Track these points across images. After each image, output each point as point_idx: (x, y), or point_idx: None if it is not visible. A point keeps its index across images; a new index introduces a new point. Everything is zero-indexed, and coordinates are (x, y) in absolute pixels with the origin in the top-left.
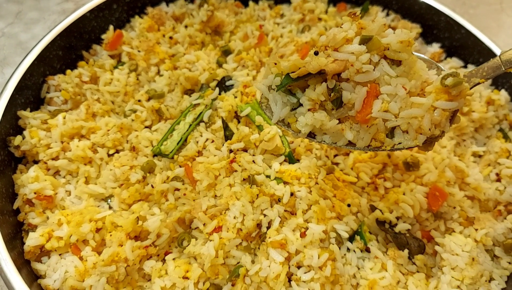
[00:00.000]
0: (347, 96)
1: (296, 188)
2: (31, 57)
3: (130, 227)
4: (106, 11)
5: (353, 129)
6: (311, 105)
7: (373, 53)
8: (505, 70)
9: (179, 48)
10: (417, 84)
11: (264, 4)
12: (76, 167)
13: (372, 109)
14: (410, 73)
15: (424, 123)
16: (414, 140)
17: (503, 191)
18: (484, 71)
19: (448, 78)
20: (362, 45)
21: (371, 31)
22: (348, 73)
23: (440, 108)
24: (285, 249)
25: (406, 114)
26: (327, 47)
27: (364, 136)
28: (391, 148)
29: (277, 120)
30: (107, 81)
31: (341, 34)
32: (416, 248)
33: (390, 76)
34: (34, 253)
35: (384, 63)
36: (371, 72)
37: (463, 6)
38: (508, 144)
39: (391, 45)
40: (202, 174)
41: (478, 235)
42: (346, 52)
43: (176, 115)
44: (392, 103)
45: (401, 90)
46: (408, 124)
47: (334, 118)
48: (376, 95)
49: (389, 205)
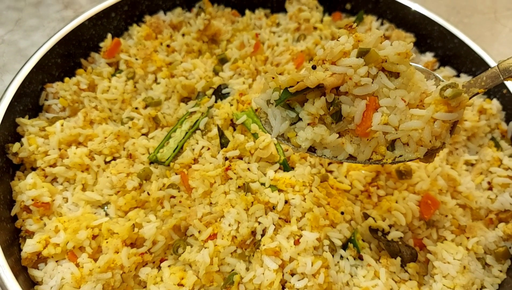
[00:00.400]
0: (347, 110)
1: (291, 196)
2: (30, 65)
3: (126, 234)
4: (105, 20)
5: (354, 143)
6: (311, 119)
7: (371, 66)
8: (503, 79)
9: (176, 56)
10: (416, 96)
11: (261, 13)
12: (74, 174)
13: (372, 122)
14: (409, 85)
15: (425, 135)
16: (415, 152)
17: (494, 199)
18: (482, 80)
19: (447, 90)
20: (359, 58)
21: (368, 44)
22: (346, 87)
23: (440, 120)
24: (279, 257)
25: (406, 127)
26: (325, 60)
27: (365, 150)
28: (392, 161)
29: (277, 135)
30: (104, 89)
31: (338, 48)
32: (409, 256)
33: (389, 88)
34: (31, 260)
35: (382, 76)
36: (370, 85)
37: (457, 15)
38: (499, 153)
39: (388, 57)
40: (197, 181)
41: (469, 243)
42: (344, 66)
43: (172, 122)
44: (392, 116)
45: (400, 102)
46: (408, 137)
47: (334, 131)
48: (376, 108)
49: (382, 213)
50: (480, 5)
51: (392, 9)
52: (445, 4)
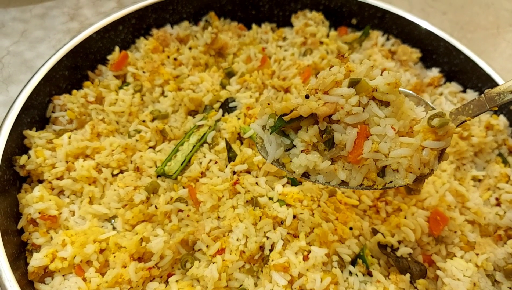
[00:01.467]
0: (339, 137)
1: (299, 211)
2: (38, 77)
3: (133, 248)
4: (112, 32)
5: (346, 169)
6: (304, 146)
7: (362, 95)
8: (489, 108)
9: (183, 70)
10: (405, 124)
11: (267, 27)
12: (81, 187)
13: (363, 150)
14: (398, 113)
15: (414, 162)
16: (404, 179)
17: (503, 216)
18: (470, 109)
19: (434, 119)
20: (351, 88)
21: (359, 74)
22: (338, 115)
23: (429, 148)
24: (288, 272)
25: (396, 154)
26: (317, 90)
27: (356, 176)
28: (382, 186)
29: (272, 160)
30: (112, 101)
31: (330, 78)
32: (418, 273)
33: (379, 117)
34: (38, 274)
35: (373, 104)
36: (361, 114)
37: (461, 30)
38: (507, 169)
39: (378, 87)
40: (205, 195)
41: (479, 260)
42: (336, 95)
43: (180, 136)
44: (382, 144)
45: (390, 130)
46: (398, 163)
47: (327, 158)
48: (366, 135)
49: (391, 228)
50: (483, 20)
51: (398, 24)
52: (449, 19)
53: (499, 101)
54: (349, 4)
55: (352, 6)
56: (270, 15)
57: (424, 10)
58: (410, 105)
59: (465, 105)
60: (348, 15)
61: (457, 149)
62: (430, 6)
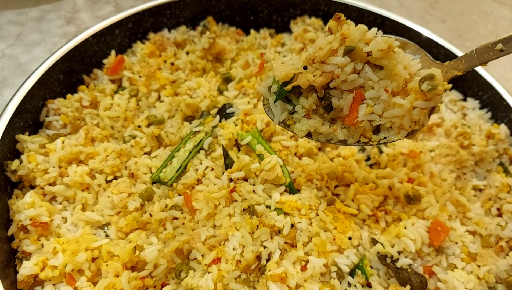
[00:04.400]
0: (336, 102)
1: (297, 220)
2: (31, 80)
3: (127, 257)
4: (108, 36)
5: (344, 128)
6: (305, 112)
7: (357, 62)
8: (479, 64)
9: (180, 75)
10: (399, 83)
11: (265, 32)
12: (73, 193)
13: (359, 114)
14: (392, 74)
15: (405, 121)
16: (397, 135)
17: (504, 226)
18: (461, 64)
19: (424, 83)
20: (346, 57)
21: (353, 40)
22: (335, 83)
23: (419, 107)
24: (285, 283)
25: (389, 114)
26: (314, 60)
27: (354, 135)
28: (377, 142)
29: (278, 122)
30: (107, 106)
31: (326, 47)
32: (418, 284)
33: (373, 81)
34: (28, 283)
35: (367, 69)
36: (356, 80)
37: (460, 38)
38: (508, 179)
39: (372, 53)
40: (201, 203)
41: (480, 272)
42: (332, 64)
43: (176, 142)
44: (376, 106)
45: (384, 93)
46: (391, 122)
47: (327, 120)
48: (362, 99)
49: (391, 238)
50: (482, 29)
51: (397, 31)
52: (448, 27)
53: (488, 58)
54: (349, 10)
55: (351, 13)
56: (269, 20)
57: (423, 18)
58: (406, 60)
59: (456, 60)
60: None
61: (458, 158)
62: (429, 14)
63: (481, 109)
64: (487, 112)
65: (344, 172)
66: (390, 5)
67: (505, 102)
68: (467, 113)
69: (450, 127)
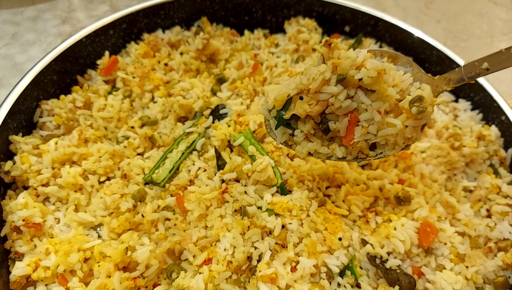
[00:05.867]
0: (333, 126)
1: (288, 221)
2: (25, 81)
3: (119, 258)
4: (102, 37)
5: (342, 146)
6: (304, 136)
7: (349, 88)
8: (467, 80)
9: (174, 75)
10: (391, 103)
11: (260, 33)
12: (66, 194)
13: (355, 135)
14: (384, 96)
15: (399, 139)
16: (392, 150)
17: (493, 227)
18: (450, 79)
19: (413, 108)
20: (339, 85)
21: (344, 68)
22: (330, 109)
23: (411, 126)
24: (275, 284)
25: (383, 133)
26: (309, 91)
27: (352, 152)
28: (374, 157)
29: (280, 143)
30: (100, 107)
31: (319, 78)
32: (407, 285)
33: (366, 104)
34: (20, 283)
35: (360, 93)
36: (350, 105)
37: (454, 39)
38: (498, 180)
39: (363, 80)
40: (193, 204)
41: (468, 273)
42: (326, 93)
43: (169, 142)
44: (371, 126)
45: (377, 115)
46: (386, 140)
47: (325, 140)
48: (357, 121)
49: (380, 239)
50: (476, 29)
51: (391, 32)
52: (442, 28)
53: (475, 76)
54: (343, 11)
55: (345, 14)
56: (263, 21)
57: (418, 18)
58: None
59: (445, 76)
60: (341, 22)
61: (448, 160)
62: (424, 14)
63: (472, 111)
64: (478, 114)
65: (335, 173)
66: (386, 5)
67: (496, 103)
68: (458, 114)
69: (442, 128)
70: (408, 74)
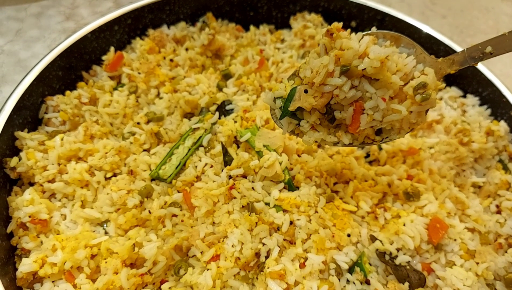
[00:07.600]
0: (338, 115)
1: (296, 217)
2: (30, 77)
3: (126, 254)
4: (107, 32)
5: (348, 134)
6: (310, 126)
7: (353, 79)
8: (470, 63)
9: (179, 71)
10: (395, 90)
11: (265, 28)
12: (73, 190)
13: (360, 123)
14: (387, 84)
15: (404, 124)
16: (398, 135)
17: (503, 223)
18: (453, 61)
19: (417, 96)
20: (343, 77)
21: (347, 59)
22: (335, 100)
23: (415, 111)
24: (284, 280)
25: (388, 119)
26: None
27: (358, 138)
28: (381, 141)
29: (286, 132)
30: (106, 103)
31: (323, 71)
32: (417, 281)
33: (371, 92)
34: (27, 280)
35: (364, 82)
36: (355, 95)
37: (460, 34)
38: (508, 176)
39: (367, 70)
40: (200, 200)
41: (479, 269)
42: (330, 85)
43: (175, 138)
44: (376, 113)
45: (382, 103)
46: (391, 125)
47: (332, 128)
48: (362, 110)
49: (389, 235)
50: (483, 25)
51: (397, 27)
52: (448, 23)
53: (478, 59)
54: (349, 6)
55: (351, 9)
56: (269, 16)
57: (423, 14)
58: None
59: (448, 58)
60: (348, 17)
61: (457, 155)
62: (429, 10)
63: (481, 106)
64: (487, 109)
65: (343, 169)
66: (391, 0)
67: (505, 98)
68: (466, 110)
69: (450, 124)
70: (411, 56)
